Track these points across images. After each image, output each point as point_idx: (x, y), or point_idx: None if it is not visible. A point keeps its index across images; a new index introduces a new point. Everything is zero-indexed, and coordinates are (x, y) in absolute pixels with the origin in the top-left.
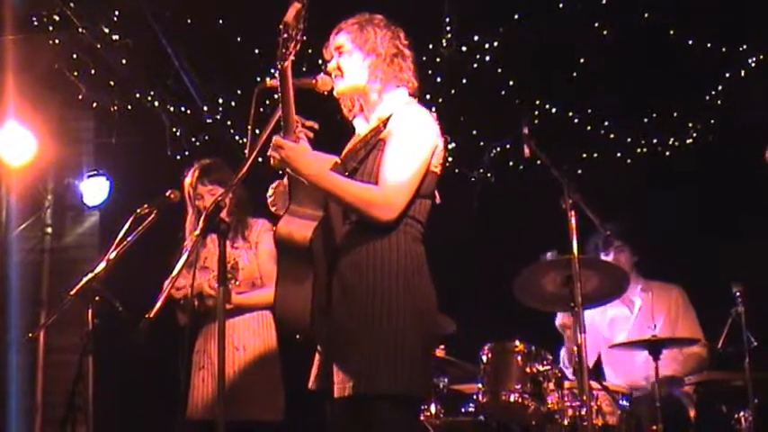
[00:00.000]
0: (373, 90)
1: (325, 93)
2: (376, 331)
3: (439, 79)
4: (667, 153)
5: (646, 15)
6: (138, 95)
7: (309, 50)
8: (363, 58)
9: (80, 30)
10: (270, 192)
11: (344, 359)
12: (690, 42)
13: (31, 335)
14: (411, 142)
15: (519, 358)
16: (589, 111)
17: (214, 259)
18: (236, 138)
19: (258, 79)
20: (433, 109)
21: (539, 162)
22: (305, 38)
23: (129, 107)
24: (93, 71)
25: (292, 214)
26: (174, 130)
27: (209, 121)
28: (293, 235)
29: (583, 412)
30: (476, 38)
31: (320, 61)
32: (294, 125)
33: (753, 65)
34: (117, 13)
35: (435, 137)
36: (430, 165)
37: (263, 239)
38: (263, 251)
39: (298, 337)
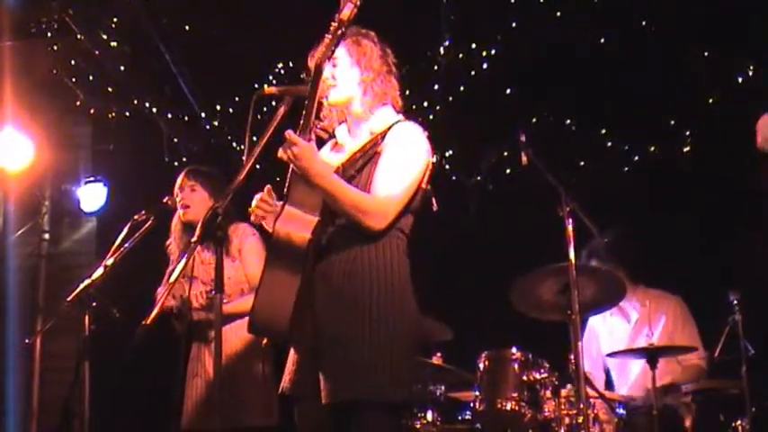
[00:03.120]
0: (364, 104)
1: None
2: (371, 338)
3: (436, 87)
4: (664, 160)
5: (643, 23)
6: (135, 102)
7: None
8: (360, 71)
9: (78, 36)
10: (256, 201)
11: (338, 365)
12: (687, 49)
13: (27, 341)
14: (407, 157)
15: (516, 366)
16: (586, 118)
17: (201, 268)
18: (234, 145)
19: (256, 86)
20: (431, 117)
21: (536, 170)
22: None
23: (127, 114)
24: (90, 77)
25: (289, 215)
26: (172, 136)
27: (206, 127)
28: (291, 236)
29: (579, 420)
30: (473, 45)
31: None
32: (313, 124)
33: (750, 72)
34: (115, 19)
35: (428, 155)
36: (422, 181)
37: (245, 245)
38: (248, 255)
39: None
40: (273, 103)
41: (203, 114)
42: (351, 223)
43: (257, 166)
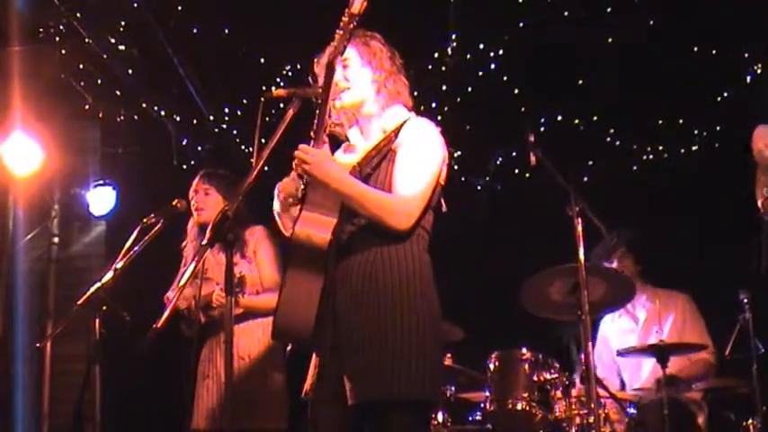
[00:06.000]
0: (377, 103)
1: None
2: (396, 338)
3: (444, 87)
4: (673, 160)
5: (651, 22)
6: (144, 105)
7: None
8: (372, 72)
9: (86, 40)
10: (279, 192)
11: (364, 366)
12: (695, 49)
13: (38, 344)
14: (424, 154)
15: (526, 366)
16: (594, 118)
17: (216, 270)
18: (242, 147)
19: (263, 88)
20: (439, 117)
21: (545, 170)
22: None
23: (136, 117)
24: (99, 81)
25: (307, 218)
26: (180, 139)
27: (214, 130)
28: (312, 238)
29: (590, 420)
30: (480, 46)
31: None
32: (326, 126)
33: (758, 71)
34: (123, 23)
35: (443, 150)
36: (440, 176)
37: (260, 247)
38: (263, 258)
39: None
40: (282, 106)
41: (211, 117)
42: (375, 224)
43: (266, 169)
